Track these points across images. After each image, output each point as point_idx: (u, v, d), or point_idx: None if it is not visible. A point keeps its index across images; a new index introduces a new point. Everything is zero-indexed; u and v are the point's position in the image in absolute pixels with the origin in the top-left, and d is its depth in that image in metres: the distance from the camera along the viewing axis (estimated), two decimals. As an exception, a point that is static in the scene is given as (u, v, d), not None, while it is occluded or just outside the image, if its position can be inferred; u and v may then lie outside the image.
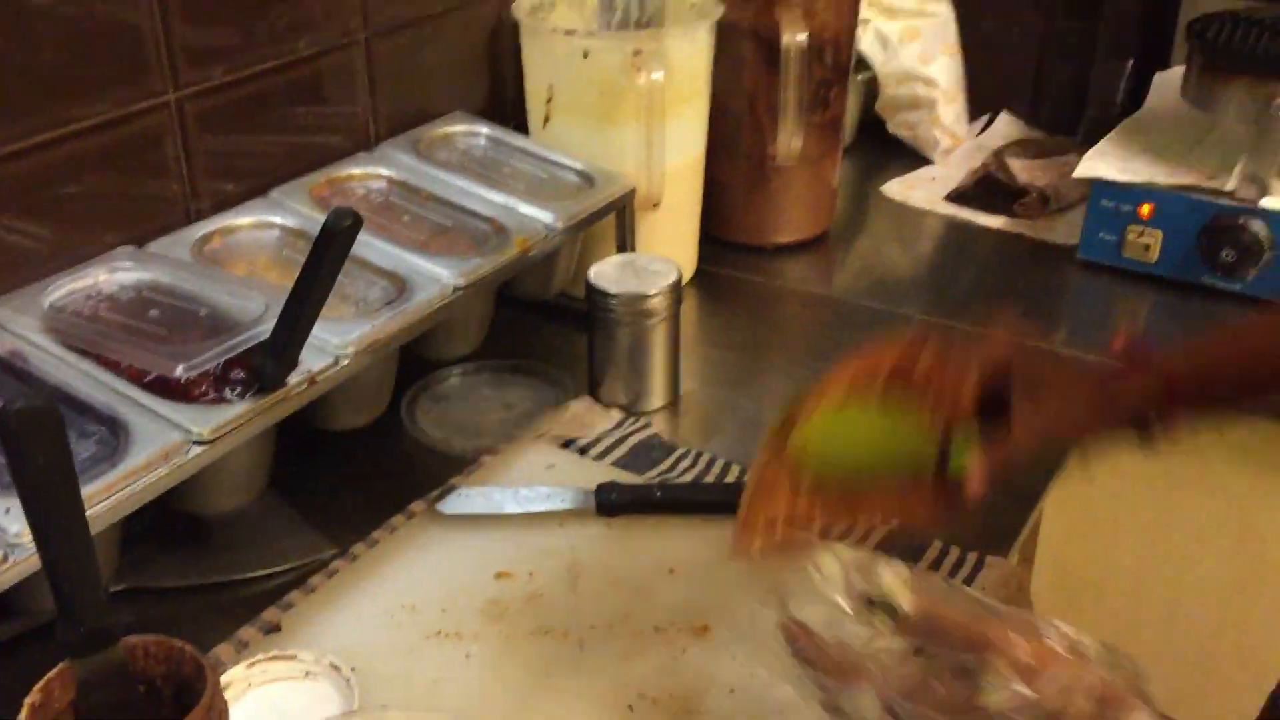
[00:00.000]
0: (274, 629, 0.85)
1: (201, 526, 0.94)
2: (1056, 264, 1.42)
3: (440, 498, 0.96)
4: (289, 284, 0.82)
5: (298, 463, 1.00)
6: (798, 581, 0.56)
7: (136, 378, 0.84)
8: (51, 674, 0.62)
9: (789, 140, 1.34)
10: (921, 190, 1.59)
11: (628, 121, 1.18)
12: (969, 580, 0.90)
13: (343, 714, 0.70)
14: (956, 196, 1.56)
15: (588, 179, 1.18)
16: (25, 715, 0.60)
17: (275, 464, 0.97)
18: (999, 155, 1.58)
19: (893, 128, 1.69)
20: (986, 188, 1.56)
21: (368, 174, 1.13)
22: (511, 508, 0.94)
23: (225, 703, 0.64)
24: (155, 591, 0.89)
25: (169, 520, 0.92)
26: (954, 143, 1.67)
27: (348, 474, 1.03)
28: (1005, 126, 1.74)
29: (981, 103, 1.74)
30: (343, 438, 1.04)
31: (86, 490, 0.73)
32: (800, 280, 1.42)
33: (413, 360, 1.11)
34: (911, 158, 1.68)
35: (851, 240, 1.52)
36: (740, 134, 1.37)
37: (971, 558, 0.92)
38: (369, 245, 1.02)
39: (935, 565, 0.92)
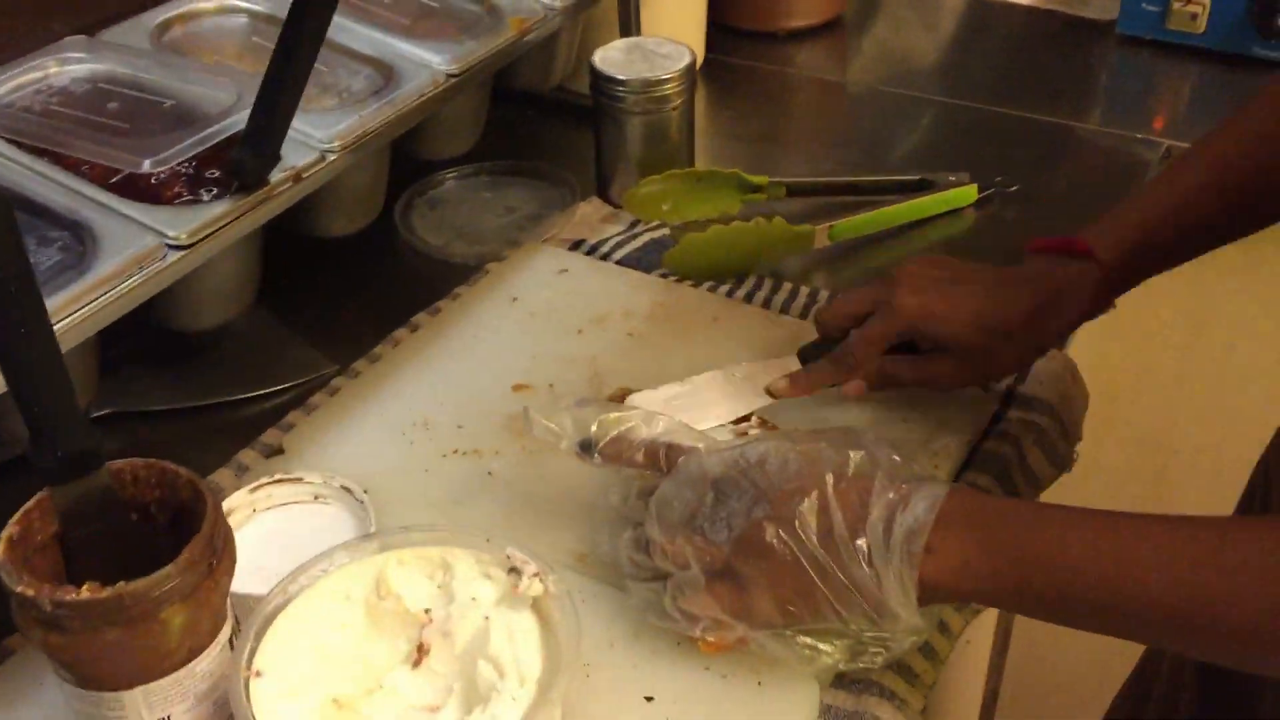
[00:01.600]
0: (276, 452, 0.78)
1: (187, 345, 0.86)
2: (1093, 40, 1.32)
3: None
4: (263, 72, 0.72)
5: (287, 275, 0.91)
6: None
7: (100, 179, 0.74)
8: (29, 504, 0.55)
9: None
10: (942, -32, 1.47)
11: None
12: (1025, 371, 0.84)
13: (363, 536, 0.63)
14: (981, -26, 1.44)
15: (586, -45, 1.07)
16: (2, 550, 0.53)
17: (263, 275, 0.88)
18: (1028, -75, 1.45)
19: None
20: (1013, -37, 1.43)
21: (342, -48, 1.00)
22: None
23: (229, 527, 0.57)
24: (142, 416, 0.81)
25: (152, 339, 0.85)
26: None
27: (342, 286, 0.95)
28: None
29: None
30: (334, 246, 0.95)
31: (54, 302, 0.65)
32: (814, 67, 1.31)
33: (404, 161, 1.01)
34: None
35: (868, 24, 1.41)
36: (748, -94, 1.24)
37: (1026, 350, 0.85)
38: (347, 30, 0.91)
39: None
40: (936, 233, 1.01)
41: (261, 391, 0.84)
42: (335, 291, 0.94)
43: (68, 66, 0.81)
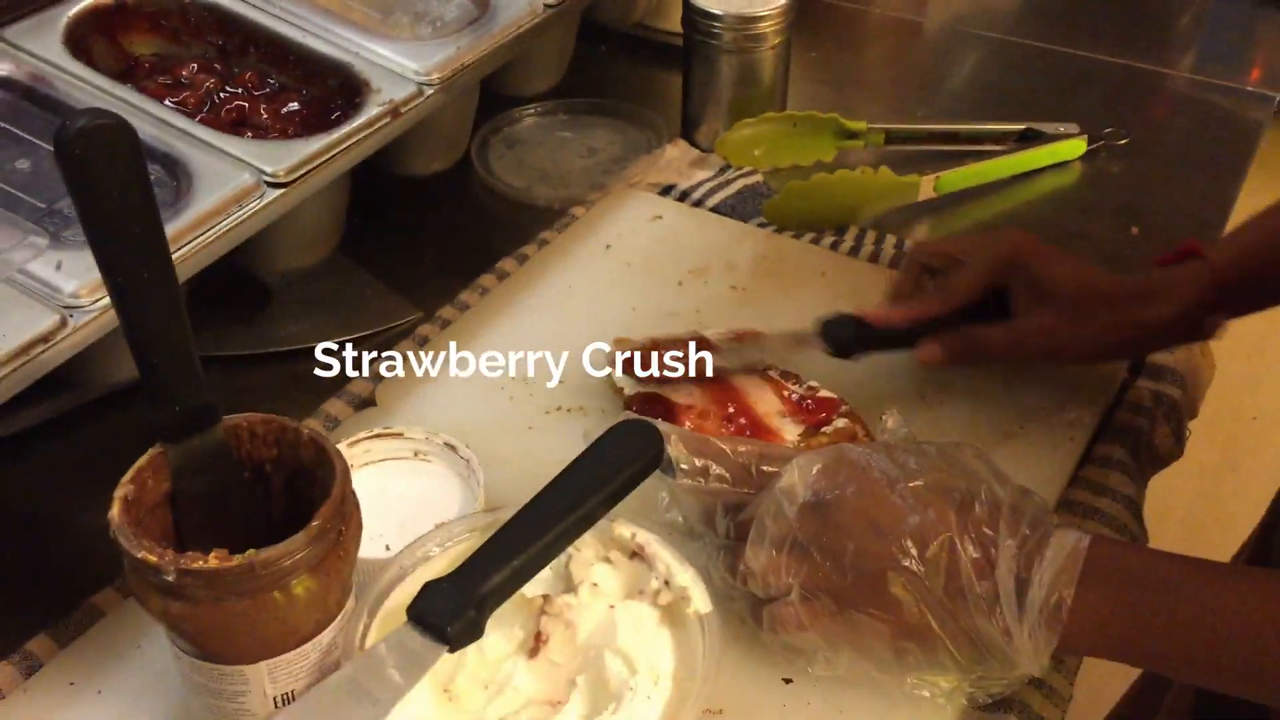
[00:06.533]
0: (367, 403, 0.74)
1: (266, 290, 0.82)
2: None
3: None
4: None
5: (365, 216, 0.87)
6: None
7: (190, 110, 0.69)
8: (142, 461, 0.51)
9: None
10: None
11: None
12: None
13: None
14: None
15: (677, -119, 1.00)
16: (118, 510, 0.49)
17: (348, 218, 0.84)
18: None
19: None
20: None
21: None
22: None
23: (356, 495, 0.53)
24: (221, 362, 0.77)
25: (229, 283, 0.80)
26: None
27: (422, 227, 0.90)
28: None
29: None
30: (414, 186, 0.91)
31: (150, 242, 0.60)
32: (893, 6, 1.26)
33: (484, 97, 0.95)
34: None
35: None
36: None
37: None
38: (437, -46, 0.86)
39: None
40: (1044, 185, 0.96)
41: (344, 339, 0.80)
42: (414, 233, 0.89)
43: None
